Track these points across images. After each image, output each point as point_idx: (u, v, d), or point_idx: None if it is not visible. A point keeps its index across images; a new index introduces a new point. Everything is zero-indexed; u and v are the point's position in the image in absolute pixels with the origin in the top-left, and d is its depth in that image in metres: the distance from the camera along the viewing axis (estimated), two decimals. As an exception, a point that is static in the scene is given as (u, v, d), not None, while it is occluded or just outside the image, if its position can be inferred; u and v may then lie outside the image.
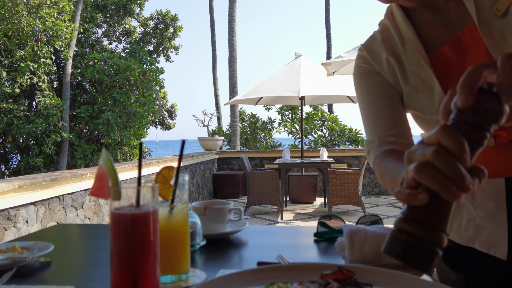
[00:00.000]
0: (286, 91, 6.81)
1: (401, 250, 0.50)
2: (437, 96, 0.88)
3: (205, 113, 17.51)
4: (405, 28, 0.92)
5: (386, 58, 0.96)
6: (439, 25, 0.90)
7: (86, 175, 3.87)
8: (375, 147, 0.93)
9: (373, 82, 0.98)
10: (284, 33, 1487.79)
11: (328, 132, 12.21)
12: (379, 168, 0.90)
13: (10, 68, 9.23)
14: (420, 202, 0.48)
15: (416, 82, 0.91)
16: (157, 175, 0.77)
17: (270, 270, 0.67)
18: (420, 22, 0.92)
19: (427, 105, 0.90)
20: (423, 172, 0.47)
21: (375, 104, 0.97)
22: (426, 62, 0.88)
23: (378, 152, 0.92)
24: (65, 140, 9.99)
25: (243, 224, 1.18)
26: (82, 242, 1.23)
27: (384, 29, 0.99)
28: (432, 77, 0.88)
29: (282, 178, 6.35)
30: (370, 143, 0.96)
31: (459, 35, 0.86)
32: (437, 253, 0.50)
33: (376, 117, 0.96)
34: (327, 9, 18.34)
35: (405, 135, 0.93)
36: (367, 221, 1.09)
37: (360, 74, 1.01)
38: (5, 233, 2.95)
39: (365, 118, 1.00)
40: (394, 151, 0.89)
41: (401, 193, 0.49)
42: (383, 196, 8.42)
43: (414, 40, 0.91)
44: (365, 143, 0.99)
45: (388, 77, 0.97)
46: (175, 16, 15.64)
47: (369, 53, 0.99)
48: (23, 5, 9.22)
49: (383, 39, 0.98)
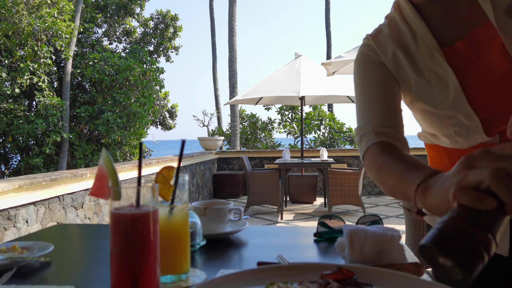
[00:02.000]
0: (286, 91, 6.81)
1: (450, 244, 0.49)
2: (451, 90, 0.88)
3: (205, 113, 17.52)
4: (416, 22, 0.92)
5: (393, 50, 0.96)
6: (449, 21, 0.90)
7: (86, 175, 3.87)
8: (369, 134, 0.92)
9: (376, 71, 0.97)
10: (284, 33, 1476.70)
11: (326, 131, 12.21)
12: (376, 160, 0.88)
13: (10, 68, 9.23)
14: (486, 207, 0.49)
15: (429, 76, 0.91)
16: (157, 175, 0.77)
17: (270, 270, 0.67)
18: (429, 17, 0.93)
19: (440, 99, 0.90)
20: (501, 180, 0.48)
21: (374, 93, 0.96)
22: (441, 57, 0.89)
23: (373, 142, 0.90)
24: (65, 140, 9.99)
25: (243, 224, 1.18)
26: (82, 242, 1.23)
27: (392, 22, 0.99)
28: (448, 72, 0.88)
29: (282, 178, 6.35)
30: (363, 130, 0.94)
31: (474, 32, 0.87)
32: (483, 257, 0.48)
33: (373, 105, 0.95)
34: (327, 9, 18.34)
35: (399, 129, 0.93)
36: (367, 221, 1.09)
37: (364, 62, 1.00)
38: (5, 233, 2.95)
39: (361, 105, 0.98)
40: (390, 145, 0.88)
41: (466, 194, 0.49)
42: (383, 196, 8.42)
43: (427, 35, 0.91)
44: (356, 130, 0.97)
45: (392, 70, 0.96)
46: (175, 16, 15.65)
47: (376, 43, 0.99)
48: (23, 5, 9.22)
49: (390, 32, 0.98)
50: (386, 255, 0.83)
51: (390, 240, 0.84)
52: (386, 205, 7.34)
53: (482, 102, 0.87)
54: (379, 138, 0.90)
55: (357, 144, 0.96)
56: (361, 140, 0.94)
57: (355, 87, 1.01)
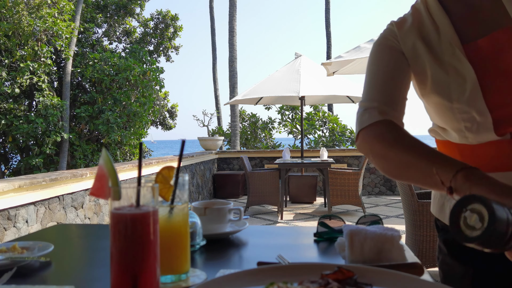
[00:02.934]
0: (286, 91, 6.81)
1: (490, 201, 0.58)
2: (468, 85, 0.89)
3: (205, 113, 17.53)
4: (440, 17, 0.94)
5: (414, 42, 0.97)
6: (472, 19, 0.92)
7: (86, 175, 3.87)
8: (374, 109, 0.93)
9: (395, 58, 0.98)
10: (284, 33, 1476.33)
11: (328, 132, 12.21)
12: (388, 135, 0.89)
13: (10, 68, 9.23)
14: None
15: (449, 70, 0.92)
16: (157, 175, 0.77)
17: (270, 270, 0.67)
18: (453, 13, 0.94)
19: (456, 93, 0.91)
20: None
21: (388, 76, 0.97)
22: (462, 53, 0.90)
23: (378, 119, 0.91)
24: (65, 140, 9.99)
25: (243, 224, 1.18)
26: (82, 242, 1.23)
27: (416, 13, 1.00)
28: (467, 68, 0.89)
29: (282, 178, 6.35)
30: (368, 102, 0.95)
31: (497, 33, 0.89)
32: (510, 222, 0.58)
33: (382, 85, 0.96)
34: (327, 9, 18.34)
35: (401, 117, 0.95)
36: (367, 221, 1.09)
37: (385, 46, 1.01)
38: (5, 233, 2.95)
39: (370, 82, 0.99)
40: (399, 130, 0.89)
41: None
42: (383, 196, 8.42)
43: (449, 31, 0.93)
44: (361, 103, 0.98)
45: (410, 59, 0.98)
46: (175, 16, 15.64)
47: (399, 30, 1.00)
48: (23, 5, 9.22)
49: (413, 23, 0.99)
50: (386, 255, 0.83)
51: (390, 240, 0.84)
52: (386, 205, 7.34)
53: (497, 102, 0.88)
54: (384, 117, 0.91)
55: (359, 117, 0.96)
56: (364, 112, 0.95)
57: (369, 65, 1.02)
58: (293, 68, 7.43)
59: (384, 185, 8.63)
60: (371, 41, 4.92)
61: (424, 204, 3.22)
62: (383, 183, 8.64)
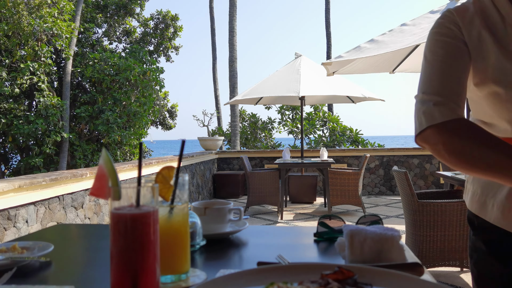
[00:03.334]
0: (286, 91, 6.81)
1: None
2: None
3: (205, 113, 17.52)
4: (507, 7, 0.94)
5: (479, 31, 0.96)
6: None
7: (86, 175, 3.87)
8: (444, 106, 0.92)
9: (457, 47, 0.97)
10: (284, 33, 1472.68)
11: (328, 132, 12.20)
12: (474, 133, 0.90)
13: (10, 68, 9.23)
14: None
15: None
16: (157, 175, 0.77)
17: (270, 270, 0.67)
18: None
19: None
20: None
21: (451, 67, 0.96)
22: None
23: (455, 117, 0.91)
24: (65, 140, 9.99)
25: (243, 224, 1.18)
26: (82, 242, 1.23)
27: (477, 3, 0.99)
28: None
29: (282, 178, 6.35)
30: (433, 96, 0.94)
31: None
32: None
33: (448, 78, 0.95)
34: (327, 9, 18.33)
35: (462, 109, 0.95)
36: (367, 221, 1.09)
37: (443, 34, 0.99)
38: (5, 233, 2.95)
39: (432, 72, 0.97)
40: (479, 128, 0.90)
41: None
42: (383, 196, 8.42)
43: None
44: (421, 96, 0.97)
45: (472, 48, 0.97)
46: (175, 16, 15.64)
47: (461, 19, 0.99)
48: (23, 5, 9.22)
49: (476, 11, 0.98)
50: (386, 255, 0.83)
51: (390, 240, 0.84)
52: (386, 205, 7.34)
53: None
54: (457, 115, 0.92)
55: (427, 111, 0.94)
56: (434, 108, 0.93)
57: (429, 54, 1.00)
58: (293, 68, 7.43)
59: (384, 185, 8.63)
60: (371, 41, 4.91)
61: (424, 204, 3.22)
62: (383, 183, 8.63)
